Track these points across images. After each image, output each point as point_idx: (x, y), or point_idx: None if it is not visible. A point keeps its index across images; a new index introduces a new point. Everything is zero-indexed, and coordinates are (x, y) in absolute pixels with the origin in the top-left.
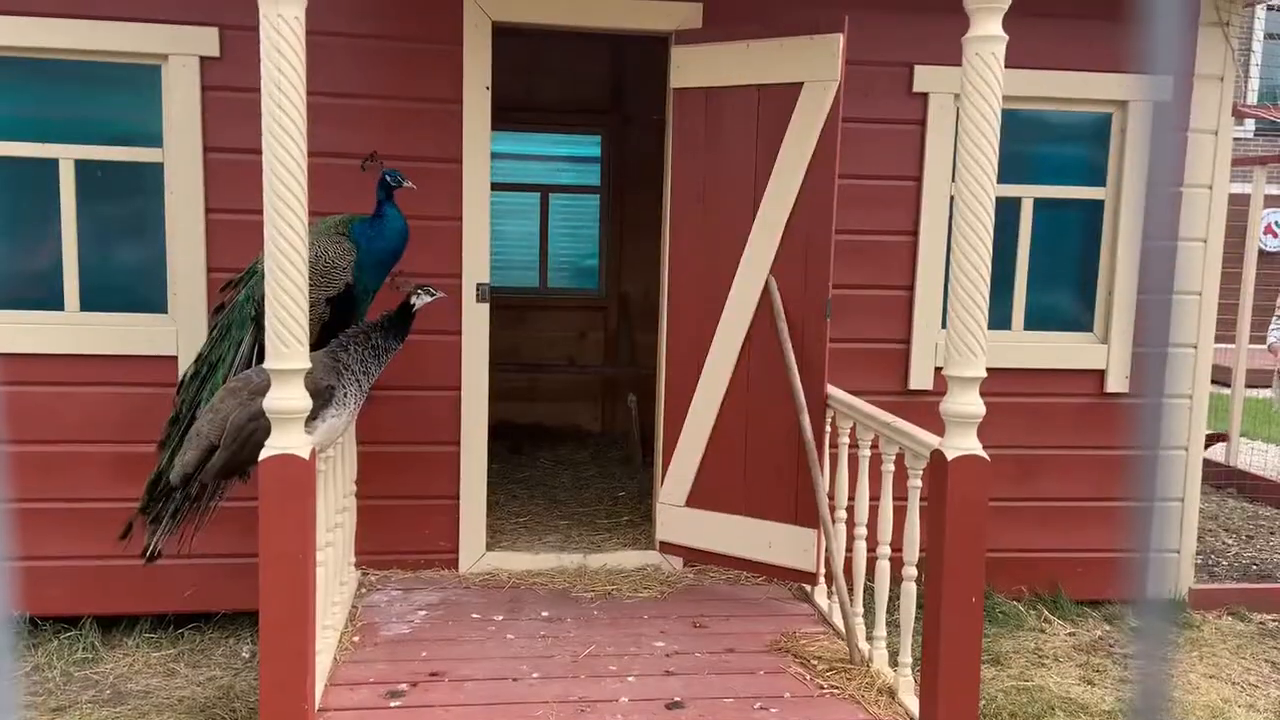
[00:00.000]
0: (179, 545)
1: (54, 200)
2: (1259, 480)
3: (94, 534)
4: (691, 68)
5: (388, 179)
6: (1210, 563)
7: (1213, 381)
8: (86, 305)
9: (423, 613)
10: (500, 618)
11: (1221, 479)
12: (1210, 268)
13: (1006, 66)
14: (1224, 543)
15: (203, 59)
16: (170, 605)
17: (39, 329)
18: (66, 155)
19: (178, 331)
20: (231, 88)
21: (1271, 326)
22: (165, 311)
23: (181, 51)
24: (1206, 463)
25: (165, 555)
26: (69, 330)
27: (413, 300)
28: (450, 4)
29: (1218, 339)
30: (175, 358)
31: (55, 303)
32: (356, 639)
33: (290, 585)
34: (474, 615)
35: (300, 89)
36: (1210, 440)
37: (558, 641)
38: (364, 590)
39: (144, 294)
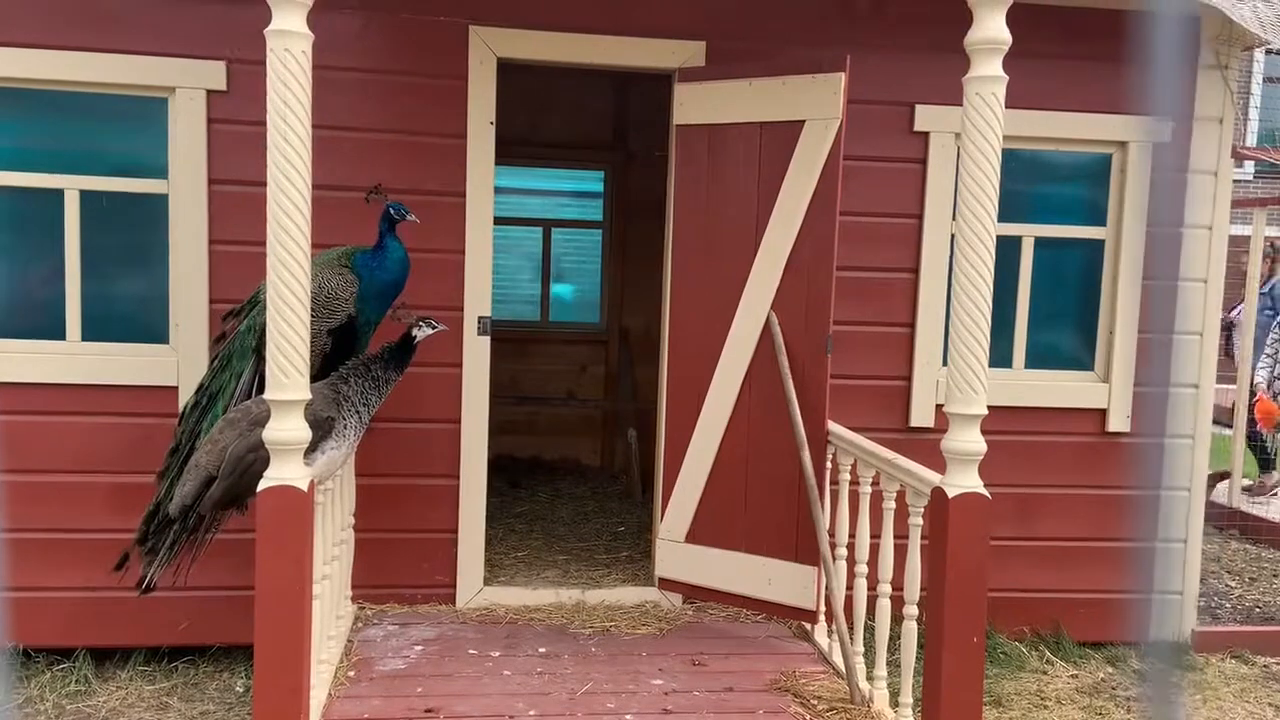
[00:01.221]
0: (174, 577)
1: (58, 230)
2: (1261, 522)
3: (90, 565)
4: (694, 105)
5: (391, 212)
6: (1213, 605)
7: (1214, 422)
8: (88, 335)
9: (419, 648)
10: (497, 654)
11: (1223, 520)
12: (1211, 308)
13: (1007, 107)
14: (1227, 585)
15: (209, 92)
16: (165, 638)
17: (40, 358)
18: (72, 186)
19: (179, 362)
20: (237, 121)
21: (1259, 365)
22: (167, 342)
23: (189, 85)
24: (1208, 504)
25: (160, 587)
26: (70, 360)
27: (414, 332)
28: (456, 41)
29: (1219, 380)
30: (176, 388)
31: (57, 332)
32: (352, 674)
33: (286, 619)
34: (471, 651)
35: (306, 122)
36: (1214, 479)
37: (555, 678)
38: (360, 624)
39: (146, 324)
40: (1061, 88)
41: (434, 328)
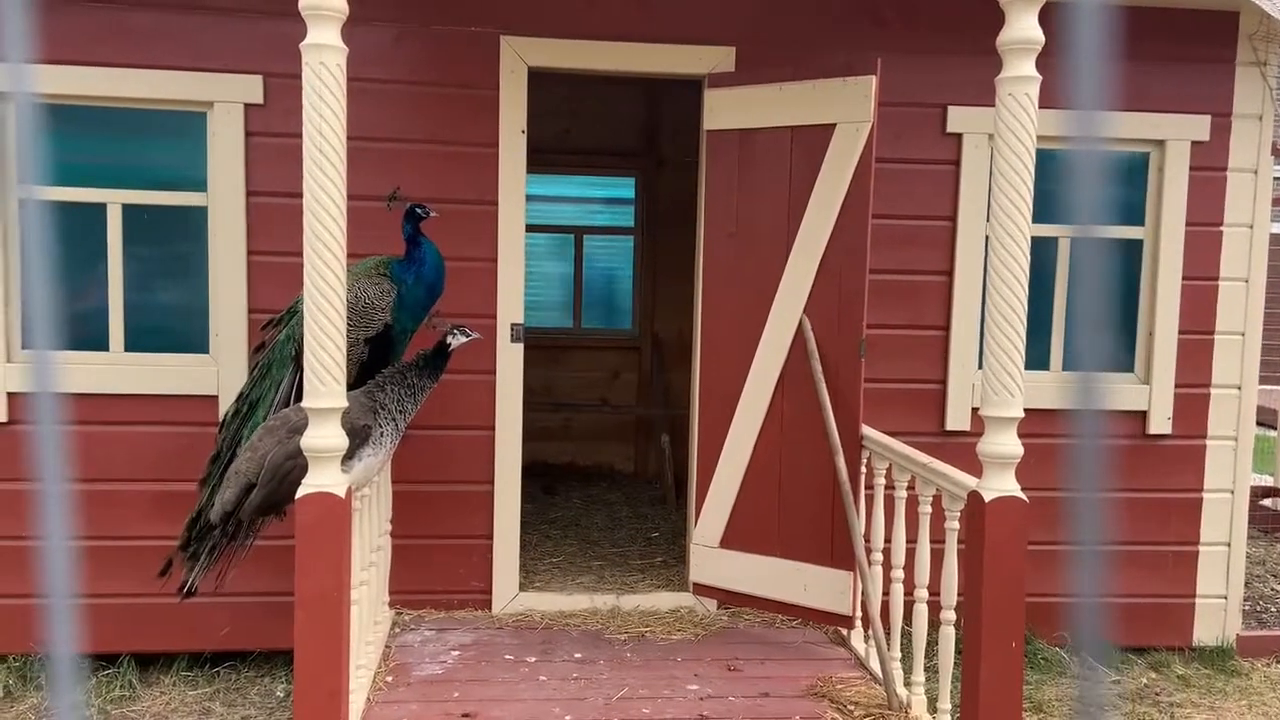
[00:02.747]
0: (215, 582)
1: (101, 243)
2: None
3: (134, 572)
4: (725, 110)
5: (418, 211)
6: (1258, 609)
7: (1257, 424)
8: (131, 346)
9: (456, 653)
10: (533, 659)
11: (1269, 523)
12: (1253, 307)
13: (1040, 107)
14: (1273, 589)
15: (247, 106)
16: (207, 644)
17: (84, 369)
18: (115, 200)
19: (219, 371)
20: (274, 133)
21: None
22: (207, 351)
23: (227, 99)
24: (1253, 507)
25: (201, 593)
26: (113, 370)
27: (449, 340)
28: (487, 51)
29: (1261, 380)
30: (216, 397)
31: (100, 343)
32: (390, 679)
33: (325, 624)
34: (507, 656)
35: (341, 133)
36: (1266, 494)
37: (590, 683)
38: (397, 630)
39: (186, 334)
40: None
41: (468, 335)
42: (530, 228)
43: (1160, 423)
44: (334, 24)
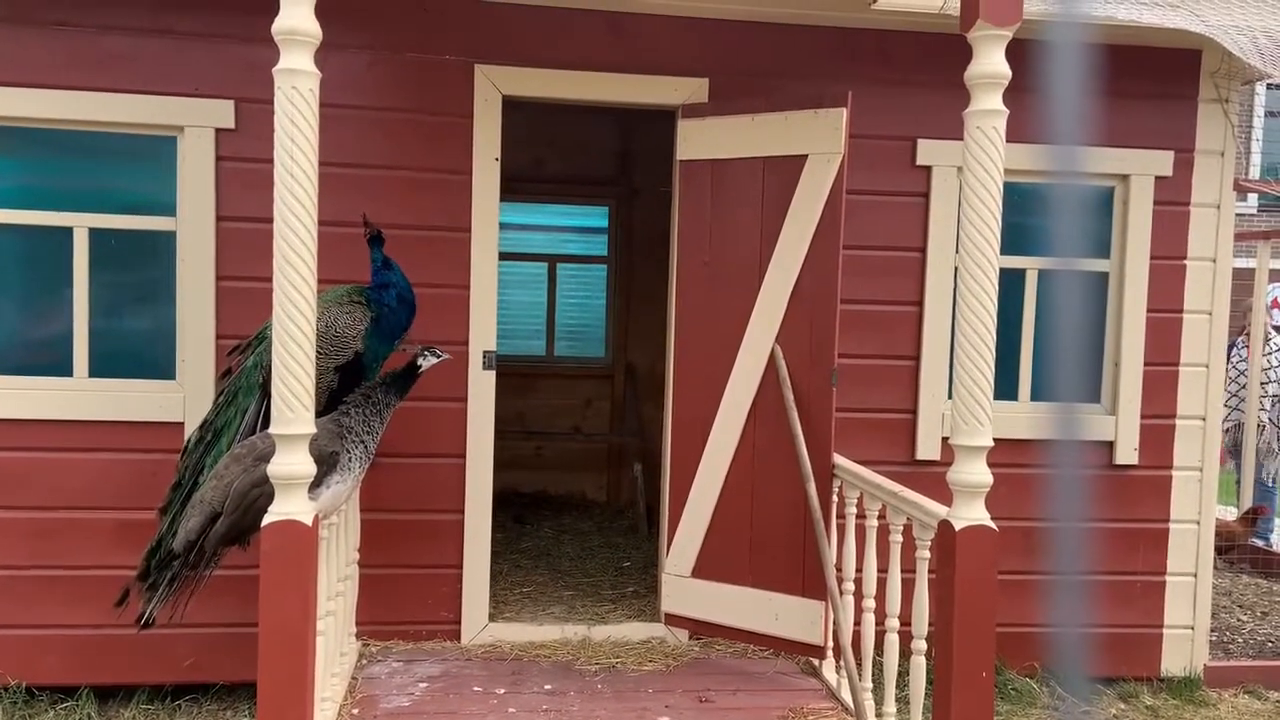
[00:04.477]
0: (173, 612)
1: (67, 268)
2: (1272, 555)
3: (94, 602)
4: (697, 140)
5: (380, 234)
6: (1225, 639)
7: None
8: (95, 371)
9: (424, 685)
10: (502, 691)
11: (1234, 555)
12: (1216, 340)
13: (1008, 140)
14: (1238, 619)
15: (218, 130)
16: (168, 676)
17: (46, 395)
18: (81, 224)
19: (185, 398)
20: (245, 158)
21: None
22: (173, 378)
23: (197, 123)
24: (1248, 547)
25: (162, 624)
26: (76, 396)
27: (420, 361)
28: (461, 79)
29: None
30: (182, 424)
31: (64, 369)
32: (355, 711)
33: (290, 656)
34: (476, 688)
35: (313, 158)
36: (1250, 514)
37: (560, 716)
38: (364, 661)
39: (152, 360)
40: None
41: (439, 357)
42: (503, 256)
43: (1127, 453)
44: (307, 49)
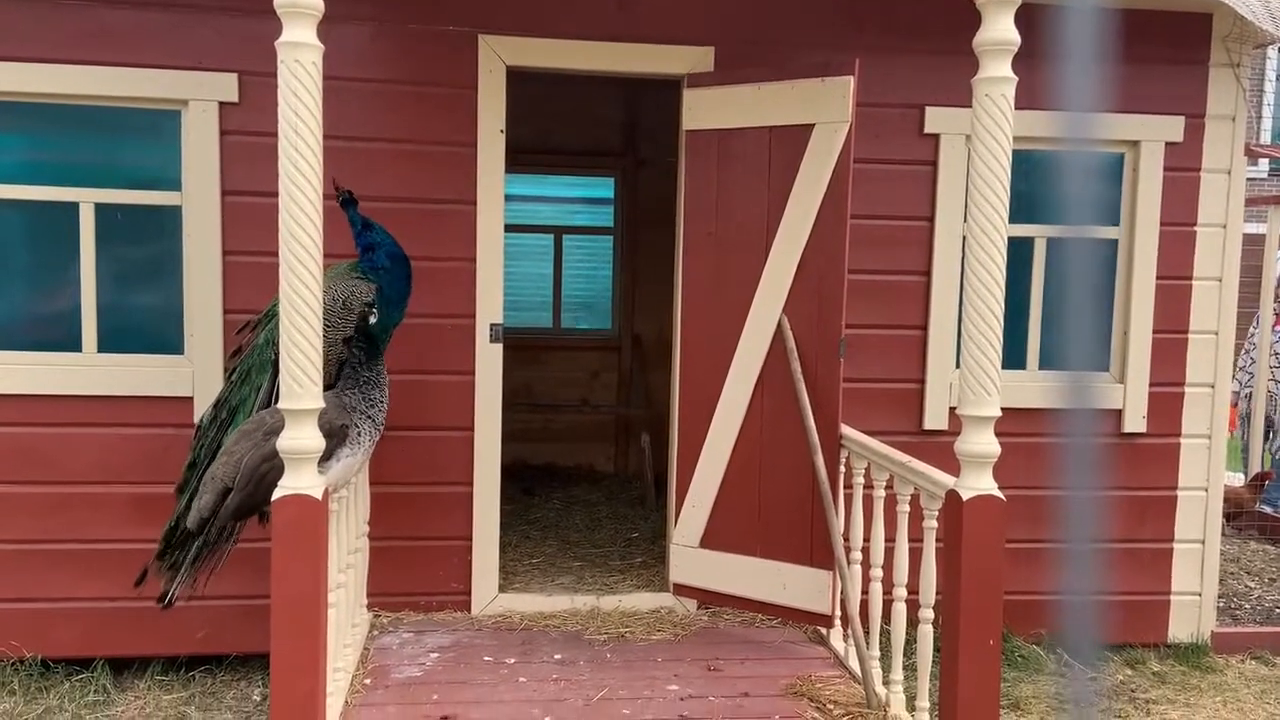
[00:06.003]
0: (194, 589)
1: (73, 243)
2: None
3: (107, 575)
4: (703, 110)
5: (352, 195)
6: (1232, 606)
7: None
8: (104, 347)
9: (434, 655)
10: (512, 660)
11: (1242, 521)
12: (1226, 307)
13: (1017, 108)
14: (1246, 586)
15: (222, 104)
16: (182, 647)
17: (56, 370)
18: (87, 199)
19: (194, 372)
20: (249, 132)
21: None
22: (182, 352)
23: (202, 97)
24: (1258, 513)
25: (180, 599)
26: (86, 371)
27: (370, 318)
28: (465, 50)
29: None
30: (191, 398)
31: (73, 344)
32: (368, 681)
33: (302, 627)
34: (486, 658)
35: (316, 131)
36: (1258, 479)
37: (570, 685)
38: (375, 632)
39: (160, 335)
40: None
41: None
42: (509, 228)
43: (1135, 421)
44: (310, 22)
